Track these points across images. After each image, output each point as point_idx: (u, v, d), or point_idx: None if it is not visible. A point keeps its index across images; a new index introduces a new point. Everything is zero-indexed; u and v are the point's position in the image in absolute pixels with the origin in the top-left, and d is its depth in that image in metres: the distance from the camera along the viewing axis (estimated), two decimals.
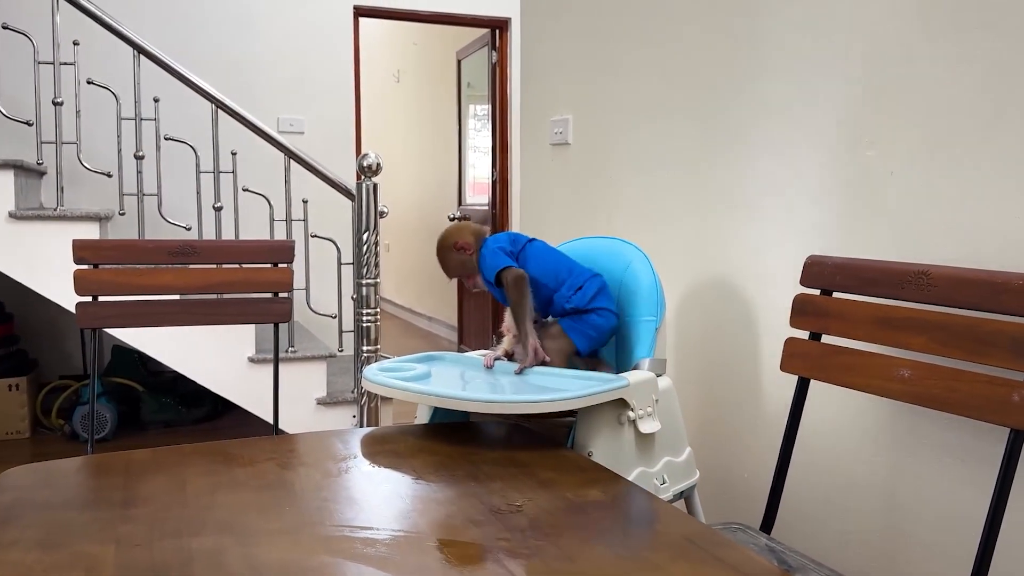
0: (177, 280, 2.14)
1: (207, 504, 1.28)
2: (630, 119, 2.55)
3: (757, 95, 2.06)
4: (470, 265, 1.90)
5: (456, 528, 1.19)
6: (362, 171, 3.38)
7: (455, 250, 1.90)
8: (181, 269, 2.14)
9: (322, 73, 4.96)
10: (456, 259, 1.90)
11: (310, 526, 1.20)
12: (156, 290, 2.12)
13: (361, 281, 3.40)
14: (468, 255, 1.90)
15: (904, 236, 1.68)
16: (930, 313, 1.42)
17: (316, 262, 4.00)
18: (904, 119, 1.68)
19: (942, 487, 1.60)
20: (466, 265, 1.90)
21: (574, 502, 1.29)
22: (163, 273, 2.13)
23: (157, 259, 2.14)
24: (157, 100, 3.62)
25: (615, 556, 1.11)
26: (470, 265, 1.90)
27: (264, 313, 2.19)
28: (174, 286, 2.13)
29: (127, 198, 3.68)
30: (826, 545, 1.86)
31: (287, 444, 1.60)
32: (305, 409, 3.71)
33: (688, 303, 2.30)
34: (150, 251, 2.13)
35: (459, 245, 1.90)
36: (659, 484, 1.79)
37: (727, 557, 1.13)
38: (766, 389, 2.05)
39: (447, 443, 1.60)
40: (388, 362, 1.80)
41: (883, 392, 1.47)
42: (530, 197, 3.18)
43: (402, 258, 8.19)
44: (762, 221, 2.05)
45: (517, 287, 1.81)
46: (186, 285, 2.14)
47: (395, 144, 8.09)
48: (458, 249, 1.90)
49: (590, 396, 1.59)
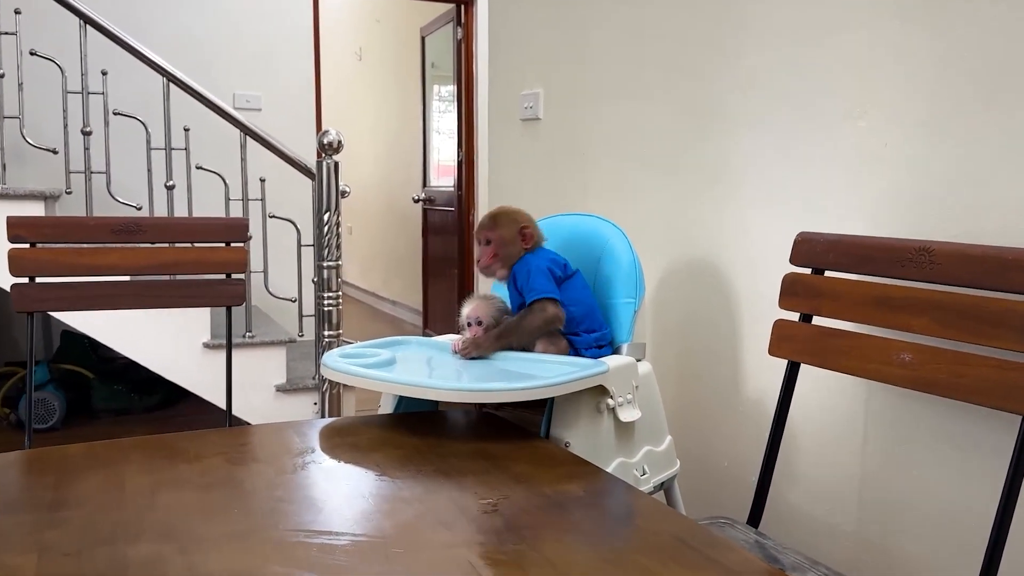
0: (122, 260, 1.98)
1: (147, 505, 1.15)
2: (605, 92, 2.44)
3: (739, 65, 1.95)
4: (514, 253, 1.75)
5: (425, 531, 1.08)
6: (323, 149, 3.24)
7: (519, 230, 1.75)
8: (126, 249, 1.99)
9: (280, 49, 4.78)
10: (510, 236, 1.74)
11: (261, 530, 1.07)
12: (99, 271, 1.96)
13: (322, 263, 3.27)
14: (524, 246, 1.75)
15: (900, 212, 1.58)
16: (933, 292, 1.33)
17: (275, 244, 3.85)
18: (898, 88, 1.58)
19: (940, 478, 1.51)
20: (510, 250, 1.74)
21: (553, 499, 1.18)
22: (107, 253, 1.97)
23: (100, 237, 1.98)
24: (105, 73, 3.44)
25: (602, 560, 1.00)
26: (514, 253, 1.75)
27: (216, 296, 2.04)
28: (119, 267, 1.98)
29: (74, 176, 3.50)
30: (814, 540, 1.77)
31: (238, 437, 1.47)
32: (264, 396, 3.57)
33: (666, 284, 2.20)
34: (92, 229, 1.98)
35: (526, 232, 1.75)
36: (639, 475, 1.68)
37: (722, 558, 1.03)
38: (748, 374, 1.95)
39: (413, 435, 1.48)
40: (350, 347, 1.68)
41: (881, 377, 1.38)
42: (499, 175, 3.06)
43: (365, 242, 8.03)
44: (745, 198, 1.95)
45: (546, 324, 1.67)
46: (132, 266, 1.99)
47: (358, 125, 7.90)
48: (522, 233, 1.74)
49: (568, 383, 1.48)
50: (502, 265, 1.75)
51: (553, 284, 1.69)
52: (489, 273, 1.78)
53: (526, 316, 1.67)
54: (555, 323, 1.68)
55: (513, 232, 1.74)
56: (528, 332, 1.67)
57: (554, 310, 1.67)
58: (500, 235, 1.75)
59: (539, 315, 1.66)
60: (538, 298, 1.67)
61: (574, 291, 1.74)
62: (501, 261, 1.75)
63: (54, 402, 3.91)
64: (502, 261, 1.75)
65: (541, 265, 1.71)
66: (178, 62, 4.10)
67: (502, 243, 1.75)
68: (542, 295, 1.67)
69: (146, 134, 3.47)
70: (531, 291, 1.68)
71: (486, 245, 1.76)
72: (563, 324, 1.69)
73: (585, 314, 1.74)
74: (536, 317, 1.66)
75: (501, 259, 1.75)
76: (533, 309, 1.67)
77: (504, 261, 1.75)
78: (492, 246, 1.76)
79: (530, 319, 1.67)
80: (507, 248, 1.74)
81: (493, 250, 1.75)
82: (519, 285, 1.72)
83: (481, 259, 1.77)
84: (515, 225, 1.75)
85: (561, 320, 1.68)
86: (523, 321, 1.67)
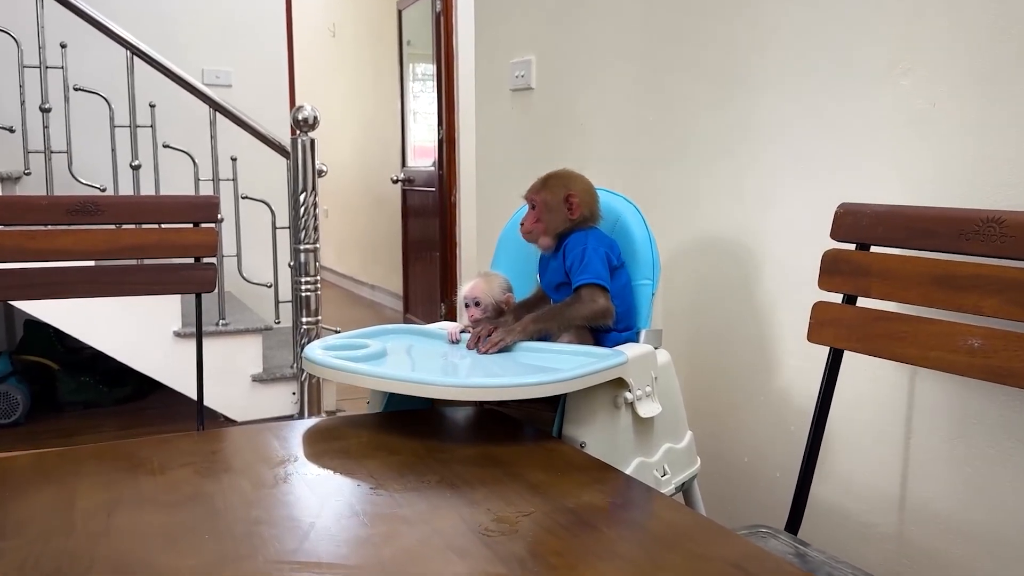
0: (77, 244, 1.77)
1: (100, 530, 0.97)
2: (603, 56, 2.25)
3: (759, 18, 1.77)
4: (558, 221, 1.55)
5: (432, 560, 0.90)
6: (297, 125, 3.04)
7: (566, 197, 1.54)
8: (82, 231, 1.79)
9: (251, 24, 4.55)
10: (555, 201, 1.55)
11: (235, 561, 0.89)
12: (51, 256, 1.75)
13: (299, 247, 3.08)
14: (569, 216, 1.55)
15: (950, 180, 1.41)
16: (1006, 269, 1.16)
17: (248, 226, 3.65)
18: (947, 38, 1.41)
19: (1001, 477, 1.35)
20: (555, 216, 1.55)
21: (579, 515, 1.01)
22: (60, 236, 1.76)
23: (53, 219, 1.78)
24: (64, 46, 3.22)
25: None
26: (558, 221, 1.55)
27: (184, 282, 1.84)
28: (73, 251, 1.76)
29: (33, 156, 3.28)
30: (849, 542, 1.61)
31: (209, 444, 1.29)
32: (239, 387, 3.38)
33: (677, 264, 2.02)
34: (44, 209, 1.77)
35: (573, 201, 1.54)
36: (659, 476, 1.51)
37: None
38: (771, 361, 1.79)
39: (409, 437, 1.30)
40: (334, 338, 1.49)
41: (944, 366, 1.21)
42: (487, 149, 2.87)
43: (342, 224, 7.80)
44: (768, 167, 1.77)
45: (594, 317, 1.48)
46: (88, 250, 1.78)
47: (333, 104, 7.65)
48: (568, 201, 1.54)
49: (584, 377, 1.30)
50: (545, 231, 1.57)
51: (608, 273, 1.50)
52: (532, 239, 1.59)
53: (573, 304, 1.48)
54: (604, 318, 1.49)
55: (559, 197, 1.55)
56: (571, 321, 1.48)
57: (605, 302, 1.48)
58: (545, 199, 1.56)
59: (589, 305, 1.47)
60: (588, 283, 1.48)
61: (620, 285, 1.56)
62: (545, 227, 1.57)
63: (17, 396, 3.70)
64: (546, 227, 1.57)
65: (600, 247, 1.52)
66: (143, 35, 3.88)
67: (546, 208, 1.56)
68: (595, 281, 1.48)
69: (109, 111, 3.25)
70: (584, 273, 1.49)
71: (531, 208, 1.58)
72: (612, 320, 1.50)
73: (624, 312, 1.56)
74: (585, 307, 1.48)
75: (545, 225, 1.57)
76: (582, 297, 1.48)
77: (549, 228, 1.57)
78: (537, 209, 1.57)
79: (577, 307, 1.48)
80: (551, 214, 1.56)
81: (537, 214, 1.57)
82: (568, 262, 1.52)
83: (525, 222, 1.59)
84: (563, 190, 1.55)
85: (611, 316, 1.49)
86: (569, 309, 1.48)
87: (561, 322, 1.47)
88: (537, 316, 1.48)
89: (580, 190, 1.56)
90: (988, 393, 1.35)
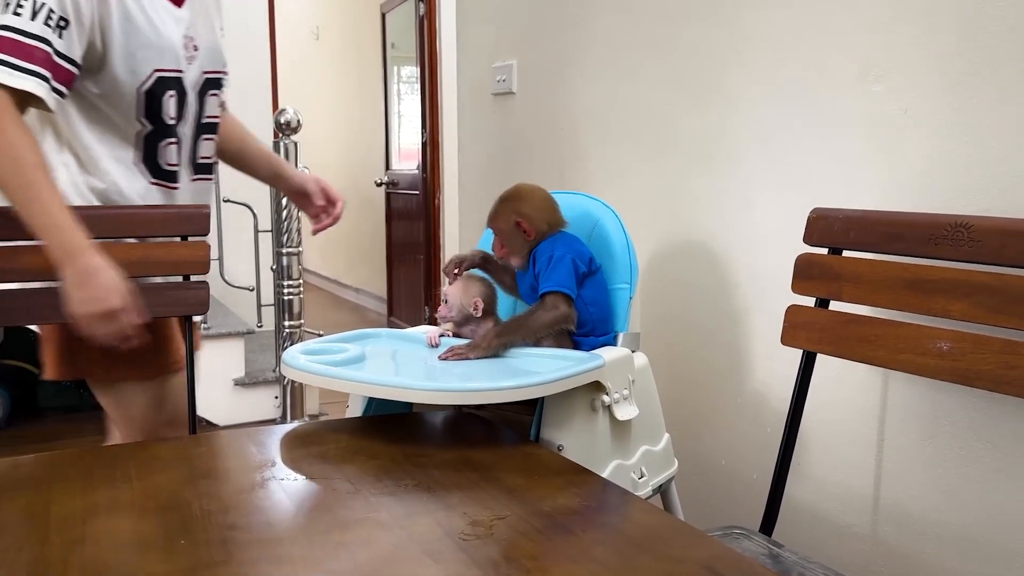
0: (43, 263, 1.35)
1: (76, 538, 0.97)
2: (584, 62, 2.26)
3: (736, 26, 1.79)
4: (520, 243, 1.57)
5: (407, 564, 0.91)
6: (280, 128, 3.05)
7: (515, 224, 1.56)
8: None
9: (233, 25, 4.54)
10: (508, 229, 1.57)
11: (211, 568, 0.90)
12: (11, 276, 1.48)
13: (281, 250, 3.09)
14: (526, 239, 1.57)
15: (920, 185, 1.43)
16: (974, 273, 1.18)
17: (230, 230, 3.65)
18: (918, 46, 1.43)
19: (972, 477, 1.37)
20: (515, 241, 1.58)
21: (554, 518, 1.02)
22: (21, 254, 1.46)
23: (15, 234, 1.40)
24: None
25: None
26: (520, 243, 1.57)
27: (173, 303, 1.61)
28: (38, 270, 1.41)
29: None
30: (824, 543, 1.63)
31: (187, 449, 1.29)
32: (222, 391, 3.38)
33: (654, 268, 2.04)
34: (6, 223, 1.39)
35: (524, 227, 1.56)
36: (637, 478, 1.53)
37: None
38: (747, 364, 1.80)
39: (388, 441, 1.31)
40: (313, 342, 1.50)
41: (914, 368, 1.23)
42: (469, 154, 2.88)
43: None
44: (744, 173, 1.79)
45: (555, 323, 1.49)
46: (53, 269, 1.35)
47: (317, 107, 7.64)
48: (519, 227, 1.56)
49: (561, 380, 1.31)
50: (515, 254, 1.60)
51: (573, 279, 1.51)
52: (506, 262, 1.63)
53: (534, 312, 1.50)
54: (565, 323, 1.51)
55: (510, 225, 1.57)
56: (534, 330, 1.49)
57: (566, 308, 1.50)
58: (499, 227, 1.59)
59: (549, 313, 1.49)
60: (551, 291, 1.50)
61: (595, 290, 1.57)
62: (509, 251, 1.60)
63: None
64: (510, 251, 1.59)
65: (565, 255, 1.53)
66: None
67: (504, 235, 1.59)
68: (557, 288, 1.50)
69: None
70: (547, 281, 1.51)
71: (495, 235, 1.61)
72: (574, 325, 1.52)
73: (603, 318, 1.57)
74: (546, 315, 1.49)
75: (508, 249, 1.60)
76: (545, 304, 1.50)
77: (513, 251, 1.59)
78: (498, 239, 1.60)
79: (538, 316, 1.49)
80: (511, 240, 1.58)
81: (499, 241, 1.60)
82: (536, 269, 1.55)
83: (494, 249, 1.62)
84: (512, 216, 1.57)
85: (572, 321, 1.51)
86: (531, 318, 1.49)
87: (525, 332, 1.48)
88: (500, 330, 1.49)
89: (529, 211, 1.57)
90: (957, 395, 1.37)
